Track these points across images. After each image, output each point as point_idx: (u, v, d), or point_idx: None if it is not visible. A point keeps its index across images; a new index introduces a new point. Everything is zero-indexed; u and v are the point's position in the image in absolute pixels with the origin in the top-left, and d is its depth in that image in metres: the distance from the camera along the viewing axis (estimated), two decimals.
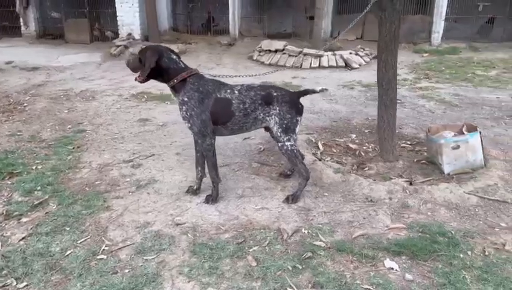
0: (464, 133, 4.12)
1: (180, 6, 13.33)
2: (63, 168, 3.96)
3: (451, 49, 10.08)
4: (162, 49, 3.19)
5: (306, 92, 3.41)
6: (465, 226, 2.94)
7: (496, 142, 4.64)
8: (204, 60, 10.19)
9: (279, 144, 3.27)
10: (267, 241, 2.76)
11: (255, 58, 9.87)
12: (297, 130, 3.32)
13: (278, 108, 3.22)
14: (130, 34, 11.90)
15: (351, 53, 9.20)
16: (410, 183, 3.62)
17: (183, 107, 3.13)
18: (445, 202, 3.23)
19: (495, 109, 6.15)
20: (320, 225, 2.95)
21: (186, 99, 3.11)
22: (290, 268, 2.48)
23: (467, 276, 2.39)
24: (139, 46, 10.89)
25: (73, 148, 4.52)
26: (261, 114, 3.25)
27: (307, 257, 2.57)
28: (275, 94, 3.27)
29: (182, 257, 2.62)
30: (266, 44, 9.83)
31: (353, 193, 3.41)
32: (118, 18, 11.95)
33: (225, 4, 11.83)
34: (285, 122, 3.22)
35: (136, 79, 3.27)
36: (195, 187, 3.47)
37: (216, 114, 3.16)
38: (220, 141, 4.73)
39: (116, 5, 11.81)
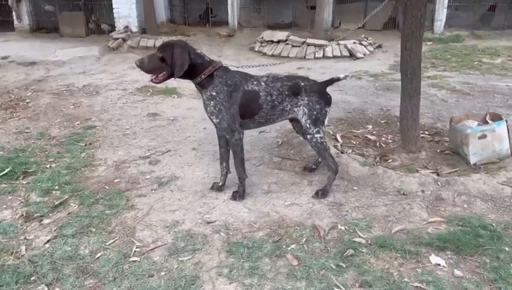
0: (487, 122, 4.05)
1: None
2: (79, 166, 3.82)
3: (454, 37, 10.00)
4: (187, 44, 3.05)
5: (332, 81, 3.30)
6: (504, 218, 2.88)
7: None
8: (205, 52, 9.87)
9: (309, 136, 3.17)
10: (304, 239, 2.66)
11: (256, 49, 9.71)
12: (326, 121, 3.22)
13: (306, 98, 3.13)
14: (127, 27, 11.64)
15: (354, 42, 9.09)
16: (438, 175, 3.54)
17: (211, 102, 2.99)
18: (479, 194, 3.15)
19: (507, 97, 6.09)
20: (356, 221, 2.86)
21: (214, 93, 2.97)
22: (334, 267, 2.39)
23: None
24: (136, 38, 10.67)
25: (85, 145, 4.38)
26: (289, 105, 3.15)
27: (349, 254, 2.48)
28: (302, 84, 3.17)
29: (219, 257, 2.51)
30: (268, 35, 9.67)
31: (383, 186, 3.32)
32: (114, 10, 11.67)
33: None
34: (315, 113, 3.13)
35: (152, 80, 3.07)
36: (220, 184, 3.36)
37: (244, 107, 3.05)
38: None
39: None
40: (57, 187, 3.42)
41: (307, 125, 3.14)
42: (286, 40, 9.26)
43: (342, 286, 2.25)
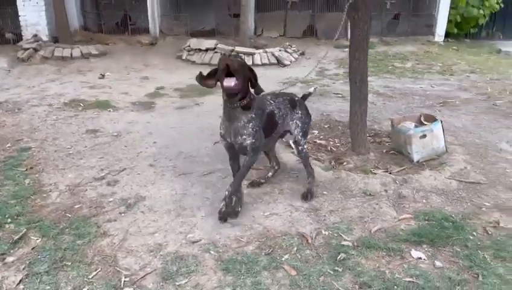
0: (422, 123, 4.51)
1: (89, 4, 12.37)
2: (27, 194, 3.47)
3: None
4: None
5: (307, 96, 3.68)
6: (458, 209, 3.23)
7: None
8: (129, 61, 9.62)
9: (299, 148, 3.38)
10: (295, 248, 2.73)
11: (184, 57, 9.59)
12: None
13: (299, 112, 3.35)
14: (36, 36, 10.71)
15: (280, 50, 9.42)
16: (390, 173, 3.85)
17: (251, 124, 2.93)
18: (433, 189, 3.50)
19: (423, 98, 6.79)
20: (336, 224, 3.01)
21: (254, 116, 2.94)
22: (331, 272, 2.50)
23: (486, 256, 2.63)
24: (50, 48, 9.88)
25: (26, 169, 3.98)
26: (288, 118, 3.32)
27: (342, 258, 2.61)
28: (296, 98, 3.43)
29: (217, 277, 2.48)
30: (195, 43, 9.61)
31: (350, 188, 3.52)
32: (20, 18, 10.67)
33: (143, 2, 11.27)
34: (305, 126, 3.39)
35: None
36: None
37: (267, 126, 3.13)
38: (189, 147, 4.56)
39: (17, 4, 10.54)
40: (9, 220, 3.07)
41: (299, 137, 3.35)
42: (215, 48, 9.28)
43: (343, 289, 2.36)
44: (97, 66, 9.16)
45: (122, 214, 3.19)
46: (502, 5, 11.49)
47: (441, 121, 4.25)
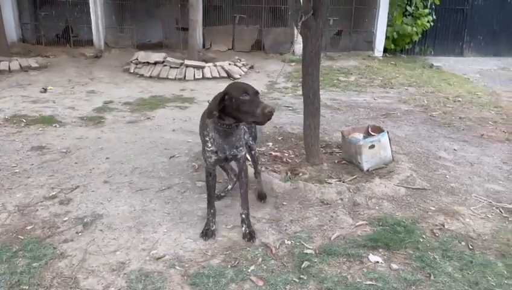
0: (370, 134, 4.77)
1: (27, 16, 11.81)
2: None
3: None
4: None
5: None
6: (408, 214, 3.46)
7: None
8: (73, 75, 9.28)
9: (253, 152, 3.58)
10: (260, 259, 2.79)
11: (132, 70, 9.41)
12: None
13: None
14: None
15: (230, 64, 9.53)
16: (343, 182, 4.04)
17: (244, 136, 3.20)
18: (384, 196, 3.72)
19: (368, 110, 7.17)
20: (298, 233, 3.11)
21: (245, 128, 3.31)
22: (297, 280, 2.58)
23: (435, 256, 2.84)
24: None
25: None
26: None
27: (306, 266, 2.70)
28: None
29: None
30: (143, 56, 9.47)
31: (307, 198, 3.65)
32: None
33: (86, 13, 10.95)
34: (253, 129, 3.55)
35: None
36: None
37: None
38: (145, 162, 4.49)
39: None
40: None
41: (250, 142, 3.48)
42: (163, 61, 9.20)
43: None
44: (38, 80, 8.75)
45: (79, 234, 3.09)
46: (433, 24, 12.43)
47: (387, 132, 4.53)
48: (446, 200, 3.72)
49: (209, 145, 2.96)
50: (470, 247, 2.99)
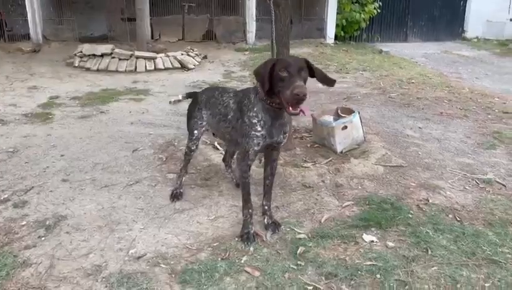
0: (339, 115, 4.70)
1: None
2: None
3: (266, 47, 11.11)
4: None
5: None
6: (390, 191, 3.40)
7: None
8: (10, 71, 8.48)
9: None
10: (252, 248, 2.59)
11: (77, 64, 8.77)
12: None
13: None
14: None
15: (182, 54, 9.16)
16: (320, 165, 3.93)
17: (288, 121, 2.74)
18: (364, 175, 3.64)
19: (328, 95, 7.13)
20: (286, 219, 2.94)
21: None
22: (295, 267, 2.41)
23: (427, 230, 2.78)
24: None
25: None
26: None
27: (301, 252, 2.54)
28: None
29: None
30: (88, 48, 8.86)
31: (288, 183, 3.49)
32: None
33: (21, 5, 10.06)
34: None
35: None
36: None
37: None
38: (105, 157, 4.13)
39: None
40: None
41: None
42: (111, 53, 8.65)
43: (312, 282, 2.29)
44: None
45: (42, 238, 2.72)
46: (379, 10, 12.72)
47: (359, 112, 4.47)
48: (424, 176, 3.71)
49: (259, 128, 2.50)
50: (458, 219, 2.97)
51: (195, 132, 3.16)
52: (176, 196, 3.23)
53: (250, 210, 2.71)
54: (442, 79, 8.47)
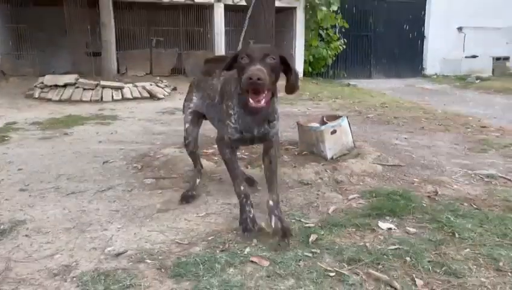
0: (325, 123, 4.47)
1: None
2: None
3: None
4: None
5: None
6: (395, 186, 3.11)
7: None
8: None
9: None
10: (255, 240, 2.19)
11: (37, 95, 8.25)
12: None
13: None
14: None
15: (151, 84, 8.85)
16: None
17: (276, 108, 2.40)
18: (363, 172, 3.35)
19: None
20: (290, 212, 2.56)
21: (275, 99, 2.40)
22: (310, 255, 2.02)
23: (448, 216, 2.48)
24: None
25: None
26: None
27: (314, 239, 2.16)
28: None
29: (167, 285, 1.77)
30: (50, 79, 8.39)
31: (284, 181, 3.14)
32: None
33: None
34: None
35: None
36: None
37: None
38: (71, 170, 3.65)
39: None
40: None
41: None
42: (75, 83, 8.22)
43: (332, 268, 1.90)
44: None
45: None
46: (345, 46, 13.08)
47: (347, 117, 4.25)
48: (425, 173, 3.47)
49: (233, 121, 2.25)
50: (475, 206, 2.70)
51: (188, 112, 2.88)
52: (185, 198, 2.78)
53: (243, 188, 2.33)
54: (413, 104, 8.56)
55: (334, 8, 11.90)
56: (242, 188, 2.34)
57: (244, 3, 3.61)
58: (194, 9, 11.08)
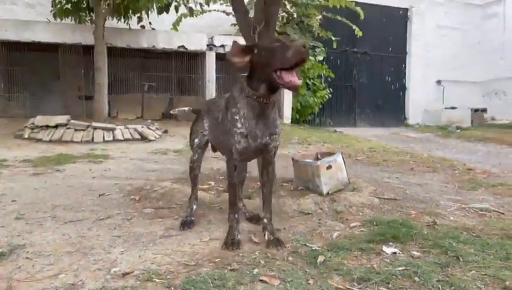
0: (319, 159, 4.55)
1: None
2: None
3: None
4: None
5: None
6: (394, 217, 3.15)
7: None
8: None
9: None
10: (262, 261, 2.18)
11: (27, 136, 8.19)
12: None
13: None
14: None
15: (143, 127, 8.92)
16: None
17: (277, 122, 2.50)
18: (362, 204, 3.39)
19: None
20: (293, 238, 2.57)
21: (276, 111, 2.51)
22: (318, 274, 2.01)
23: (450, 242, 2.52)
24: None
25: None
26: None
27: (322, 261, 2.16)
28: None
29: None
30: (42, 119, 8.39)
31: (284, 211, 3.16)
32: None
33: None
34: None
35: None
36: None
37: None
38: (66, 201, 3.61)
39: None
40: None
41: None
42: (67, 124, 8.23)
43: (342, 286, 1.90)
44: None
45: None
46: (331, 96, 13.51)
47: (342, 153, 4.35)
48: (420, 207, 3.53)
49: (239, 126, 2.31)
50: (474, 234, 2.75)
51: (196, 140, 2.96)
52: (186, 224, 2.77)
53: (236, 215, 2.45)
54: (400, 149, 8.78)
55: (320, 58, 12.44)
56: (236, 216, 2.46)
57: None
58: (187, 57, 11.42)
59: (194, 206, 2.97)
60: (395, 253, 2.36)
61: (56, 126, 8.25)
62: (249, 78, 2.30)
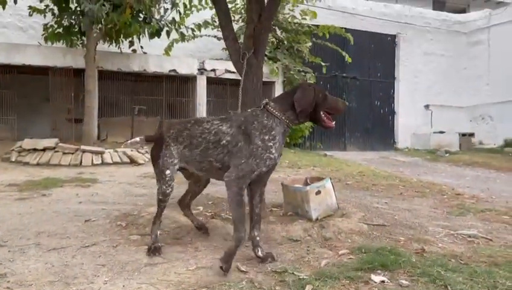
0: (309, 184, 4.55)
1: None
2: None
3: None
4: None
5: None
6: (382, 243, 3.14)
7: None
8: None
9: None
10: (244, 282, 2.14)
11: (14, 159, 8.09)
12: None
13: None
14: None
15: (132, 150, 8.86)
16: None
17: None
18: (351, 231, 3.38)
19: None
20: (282, 266, 2.53)
21: None
22: None
23: (438, 270, 2.51)
24: None
25: None
26: None
27: (311, 289, 2.13)
28: None
29: None
30: (29, 142, 8.30)
31: (273, 238, 3.14)
32: None
33: None
34: None
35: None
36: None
37: None
38: (51, 228, 3.54)
39: None
40: None
41: None
42: (55, 147, 8.16)
43: None
44: None
45: None
46: None
47: (330, 178, 4.36)
48: (409, 233, 3.53)
49: (273, 151, 2.58)
50: (462, 262, 2.74)
51: (167, 172, 2.81)
52: (154, 251, 2.75)
53: (243, 234, 2.45)
54: (389, 174, 8.82)
55: (310, 82, 12.61)
56: (242, 234, 2.48)
57: (226, 76, 3.88)
58: (178, 81, 11.49)
59: (158, 232, 2.95)
60: (383, 281, 2.34)
61: (44, 149, 8.16)
62: (281, 108, 2.63)
